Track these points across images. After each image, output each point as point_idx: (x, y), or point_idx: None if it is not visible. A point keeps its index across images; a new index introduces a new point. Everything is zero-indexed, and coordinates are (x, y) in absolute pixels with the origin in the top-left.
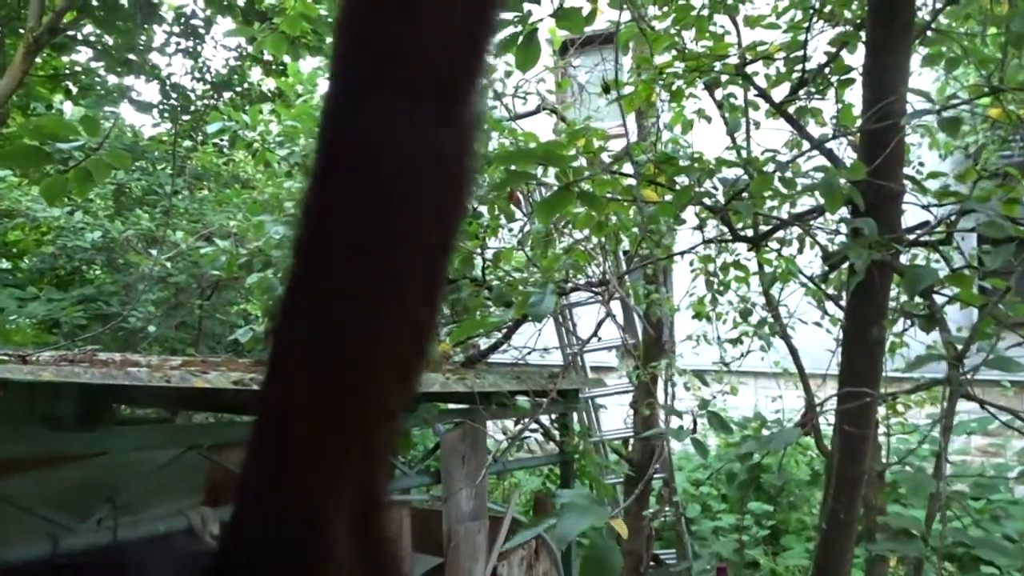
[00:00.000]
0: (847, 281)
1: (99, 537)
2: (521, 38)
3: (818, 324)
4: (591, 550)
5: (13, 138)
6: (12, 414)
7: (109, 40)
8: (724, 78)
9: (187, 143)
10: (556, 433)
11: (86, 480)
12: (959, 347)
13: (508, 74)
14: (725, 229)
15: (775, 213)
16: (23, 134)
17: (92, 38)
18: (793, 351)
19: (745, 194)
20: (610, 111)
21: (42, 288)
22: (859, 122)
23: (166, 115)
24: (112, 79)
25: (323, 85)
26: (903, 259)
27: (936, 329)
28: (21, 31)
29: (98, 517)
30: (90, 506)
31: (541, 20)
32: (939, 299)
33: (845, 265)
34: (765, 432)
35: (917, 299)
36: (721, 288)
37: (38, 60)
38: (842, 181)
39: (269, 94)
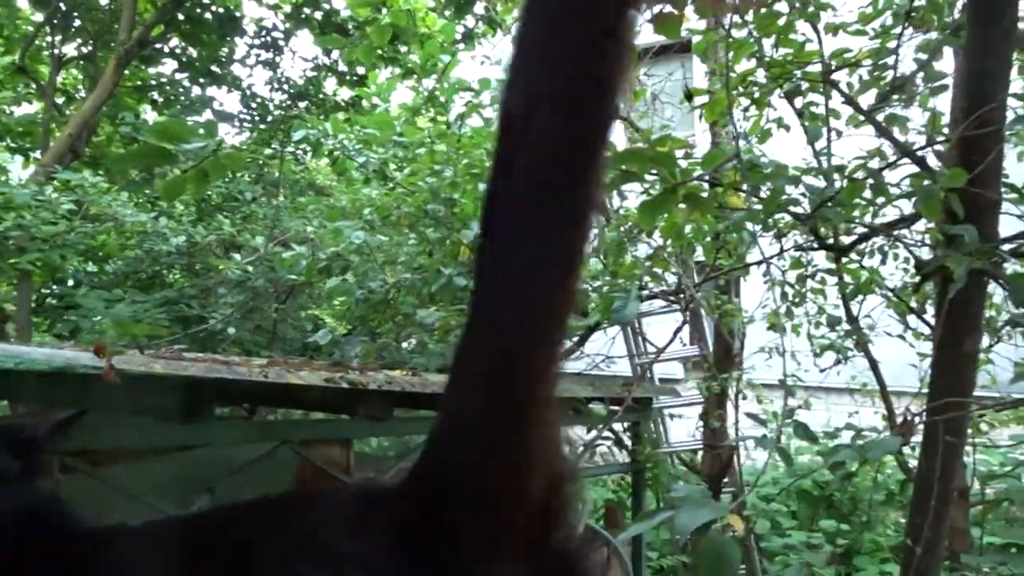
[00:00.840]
0: (939, 291)
1: None
2: None
3: (901, 337)
4: (709, 545)
5: (102, 145)
6: (122, 404)
7: (193, 53)
8: (805, 86)
9: (266, 151)
10: (628, 442)
11: (186, 471)
12: None
13: None
14: (806, 238)
15: (858, 222)
16: (112, 143)
17: (177, 51)
18: (874, 364)
19: (832, 201)
20: (681, 122)
21: (126, 291)
22: (947, 130)
23: (246, 124)
24: (195, 90)
25: (399, 95)
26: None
27: None
28: (112, 44)
29: (198, 507)
30: (190, 496)
31: (640, 27)
32: None
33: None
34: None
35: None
36: (797, 299)
37: (126, 72)
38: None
39: (343, 104)
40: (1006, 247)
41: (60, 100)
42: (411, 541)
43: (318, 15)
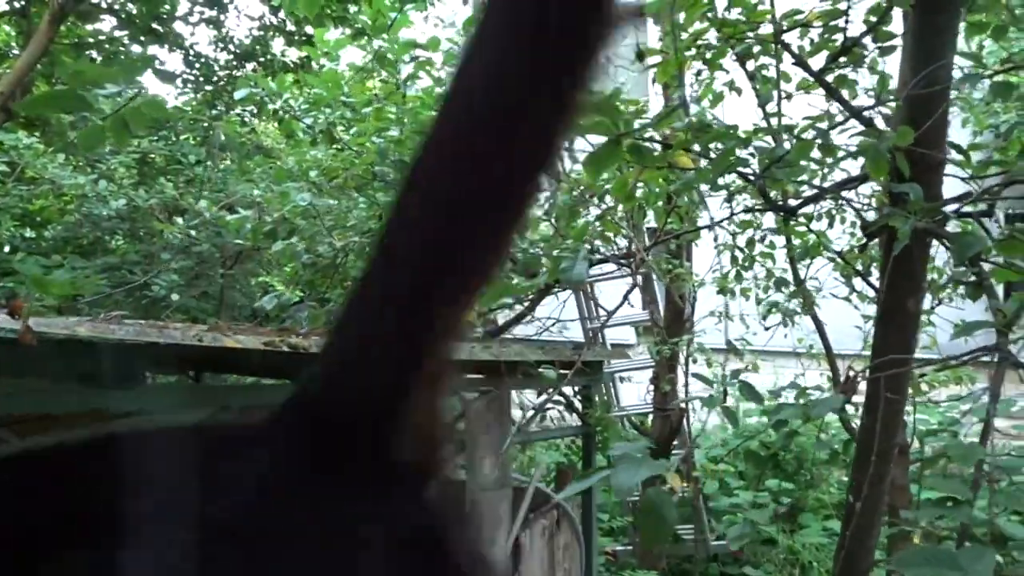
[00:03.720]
0: (884, 252)
1: None
2: None
3: (847, 300)
4: (646, 501)
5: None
6: (49, 370)
7: (133, 9)
8: (757, 49)
9: (211, 113)
10: (579, 405)
11: None
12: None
13: None
14: (755, 202)
15: (808, 185)
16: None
17: (116, 6)
18: (819, 327)
19: (781, 162)
20: (635, 86)
21: (66, 256)
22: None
23: (189, 85)
24: (136, 48)
25: (349, 55)
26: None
27: (983, 297)
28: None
29: None
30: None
31: None
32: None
33: (876, 240)
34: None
35: (964, 268)
36: (747, 263)
37: (62, 28)
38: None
39: (291, 64)
40: (950, 207)
41: None
42: (284, 474)
43: None
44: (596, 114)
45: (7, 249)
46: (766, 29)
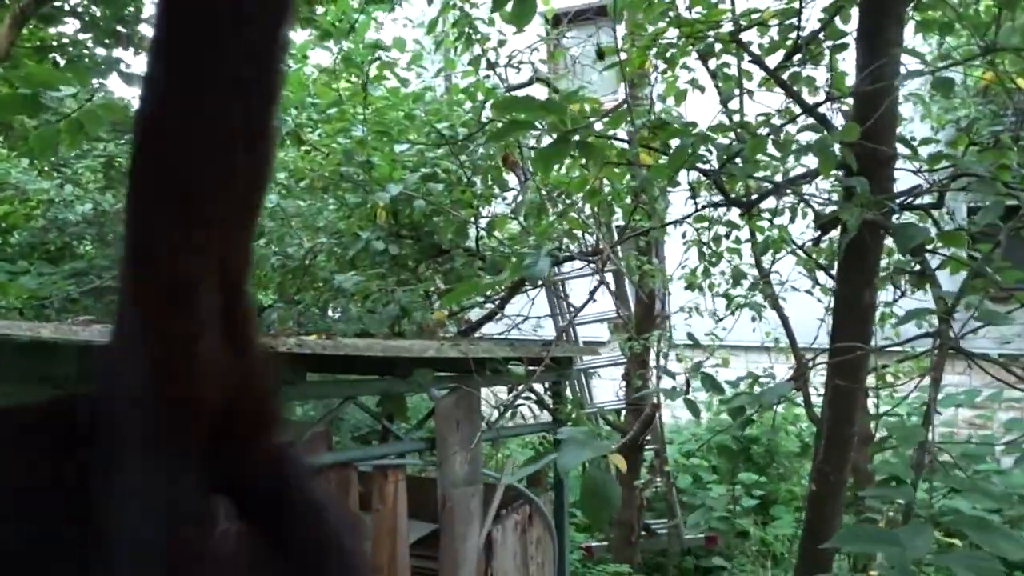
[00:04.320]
0: (839, 241)
1: None
2: None
3: (809, 292)
4: (589, 481)
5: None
6: (12, 373)
7: (97, 11)
8: (718, 47)
9: None
10: (550, 402)
11: None
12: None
13: (502, 43)
14: (718, 197)
15: (764, 179)
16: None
17: (79, 9)
18: (784, 320)
19: (739, 159)
20: (602, 84)
21: (32, 262)
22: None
23: None
24: (100, 51)
25: (316, 56)
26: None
27: (927, 287)
28: (7, 2)
29: None
30: None
31: None
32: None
33: (836, 232)
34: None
35: (909, 258)
36: (714, 258)
37: (24, 31)
38: (835, 144)
39: None
40: (897, 200)
41: None
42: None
43: None
44: (545, 112)
45: None
46: (726, 28)
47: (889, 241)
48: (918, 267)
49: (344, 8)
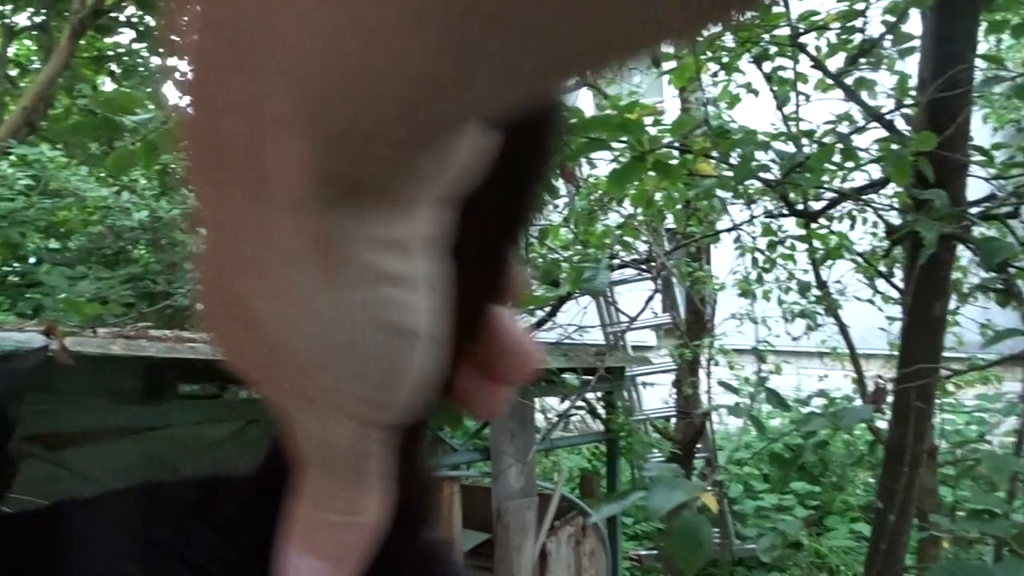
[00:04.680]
0: (909, 256)
1: None
2: None
3: (870, 301)
4: (682, 524)
5: (59, 119)
6: (80, 387)
7: (151, 21)
8: (773, 50)
9: None
10: (601, 411)
11: (148, 452)
12: None
13: None
14: (773, 206)
15: (828, 188)
16: (71, 115)
17: (134, 19)
18: (843, 329)
19: (802, 167)
20: (650, 88)
21: (90, 267)
22: (915, 93)
23: None
24: (154, 60)
25: None
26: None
27: (1013, 304)
28: (67, 14)
29: None
30: (152, 478)
31: None
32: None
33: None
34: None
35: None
36: (767, 265)
37: (82, 42)
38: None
39: None
40: (974, 210)
41: (13, 72)
42: (251, 530)
43: None
44: (622, 132)
45: (32, 260)
46: (783, 31)
47: (961, 249)
48: (1002, 284)
49: None
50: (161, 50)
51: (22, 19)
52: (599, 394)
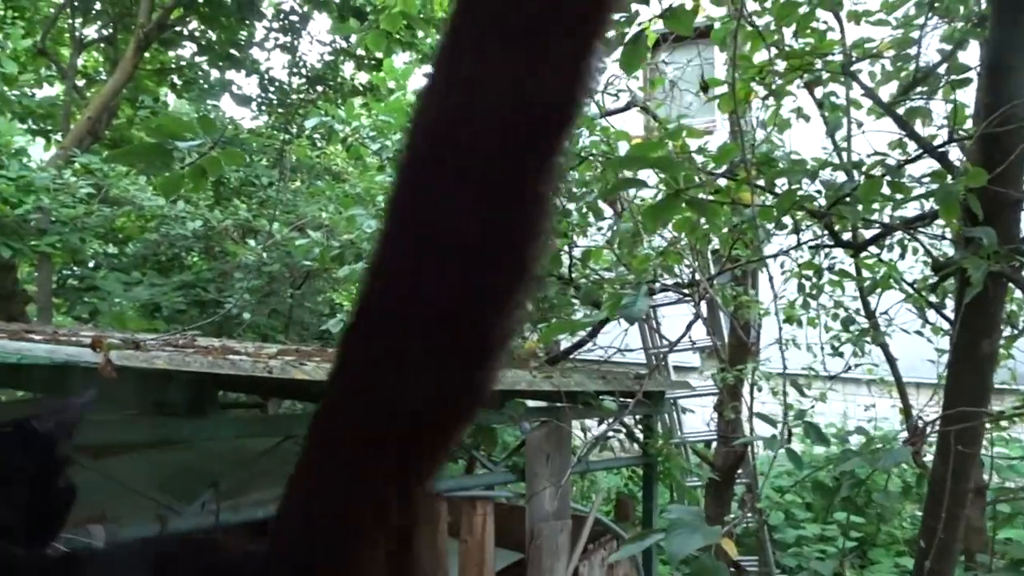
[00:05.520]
0: (958, 289)
1: (202, 520)
2: (628, 38)
3: (919, 333)
4: (699, 567)
5: (122, 128)
6: (126, 400)
7: (212, 35)
8: (825, 76)
9: (283, 136)
10: (640, 435)
11: (191, 465)
12: None
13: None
14: (821, 233)
15: (876, 217)
16: (133, 125)
17: (196, 34)
18: (891, 360)
19: (849, 198)
20: (702, 108)
21: (145, 273)
22: (970, 123)
23: (264, 108)
24: (214, 73)
25: (416, 80)
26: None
27: None
28: (132, 27)
29: (202, 501)
30: (195, 490)
31: (651, 21)
32: None
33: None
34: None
35: None
36: (814, 292)
37: (146, 55)
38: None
39: (361, 88)
40: None
41: (80, 83)
42: None
43: None
44: (656, 168)
45: (91, 265)
46: (835, 58)
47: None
48: None
49: None
50: (220, 64)
51: (90, 32)
52: (637, 417)
